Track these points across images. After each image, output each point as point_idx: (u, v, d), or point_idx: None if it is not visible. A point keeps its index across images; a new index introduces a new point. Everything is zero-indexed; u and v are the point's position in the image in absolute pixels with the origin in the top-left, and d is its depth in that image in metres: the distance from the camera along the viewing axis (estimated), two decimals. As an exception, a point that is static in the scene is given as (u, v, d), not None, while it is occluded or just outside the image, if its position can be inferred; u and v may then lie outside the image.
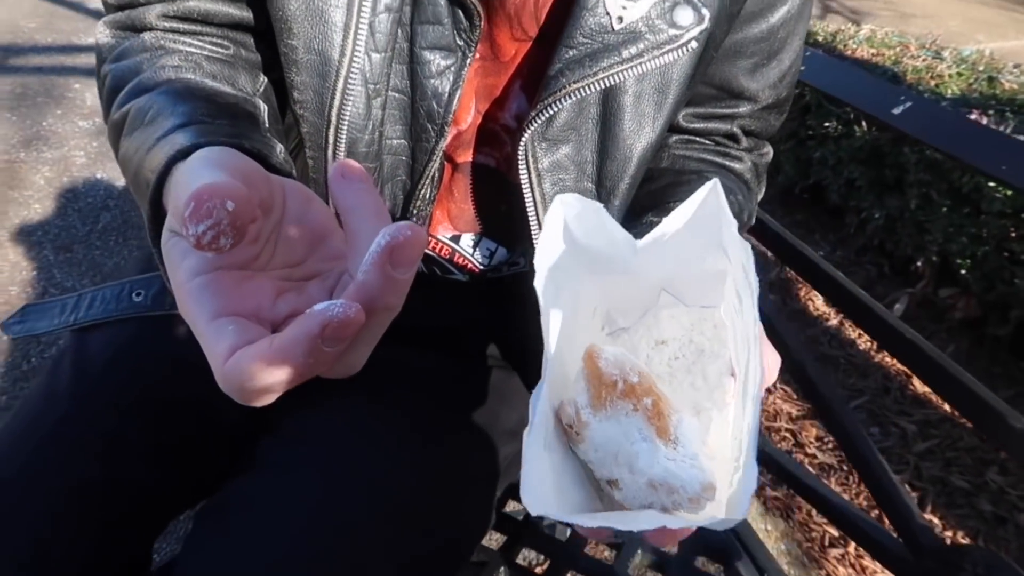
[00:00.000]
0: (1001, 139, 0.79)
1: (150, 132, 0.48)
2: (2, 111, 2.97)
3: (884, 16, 5.98)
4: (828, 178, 2.21)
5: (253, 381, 0.31)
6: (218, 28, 0.61)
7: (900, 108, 0.74)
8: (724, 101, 0.69)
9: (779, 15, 0.65)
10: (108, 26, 0.62)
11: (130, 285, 0.72)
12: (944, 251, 1.90)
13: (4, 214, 2.32)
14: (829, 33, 2.48)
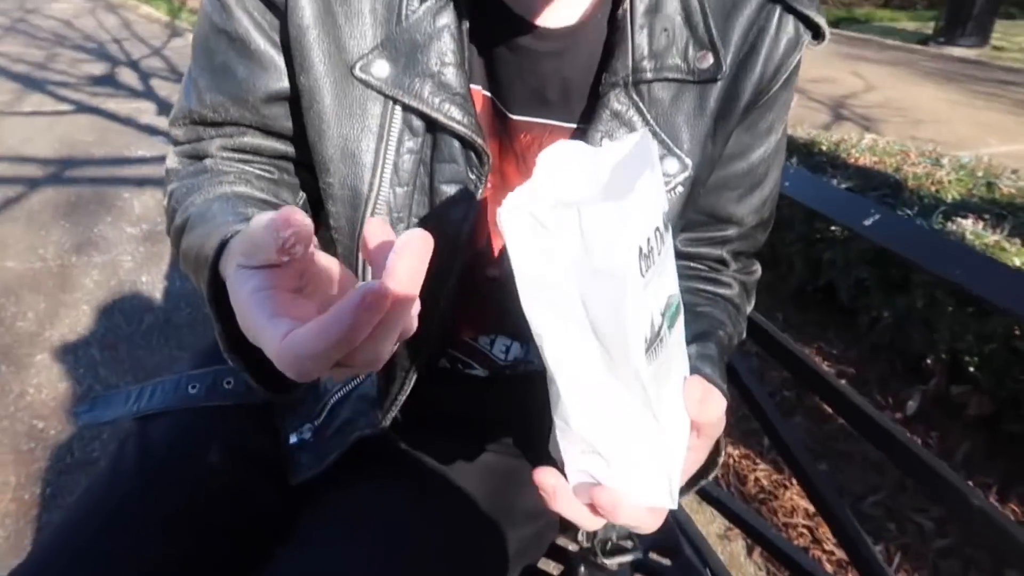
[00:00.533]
0: (955, 247, 0.86)
1: (210, 226, 0.58)
2: (58, 218, 3.18)
3: (895, 122, 6.18)
4: (838, 278, 2.29)
5: (305, 349, 0.38)
6: (266, 158, 0.72)
7: (869, 220, 0.83)
8: (714, 225, 0.78)
9: (758, 154, 0.75)
10: (176, 155, 0.73)
11: (186, 379, 0.81)
12: (953, 349, 1.95)
13: (55, 315, 2.47)
14: (833, 143, 2.62)
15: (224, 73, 0.67)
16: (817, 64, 8.47)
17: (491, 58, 0.66)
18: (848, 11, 12.90)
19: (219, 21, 0.65)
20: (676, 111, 0.66)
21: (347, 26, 0.62)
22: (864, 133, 3.29)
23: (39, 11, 8.82)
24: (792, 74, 0.71)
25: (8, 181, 3.57)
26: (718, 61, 0.65)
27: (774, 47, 0.67)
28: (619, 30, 0.64)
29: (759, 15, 0.66)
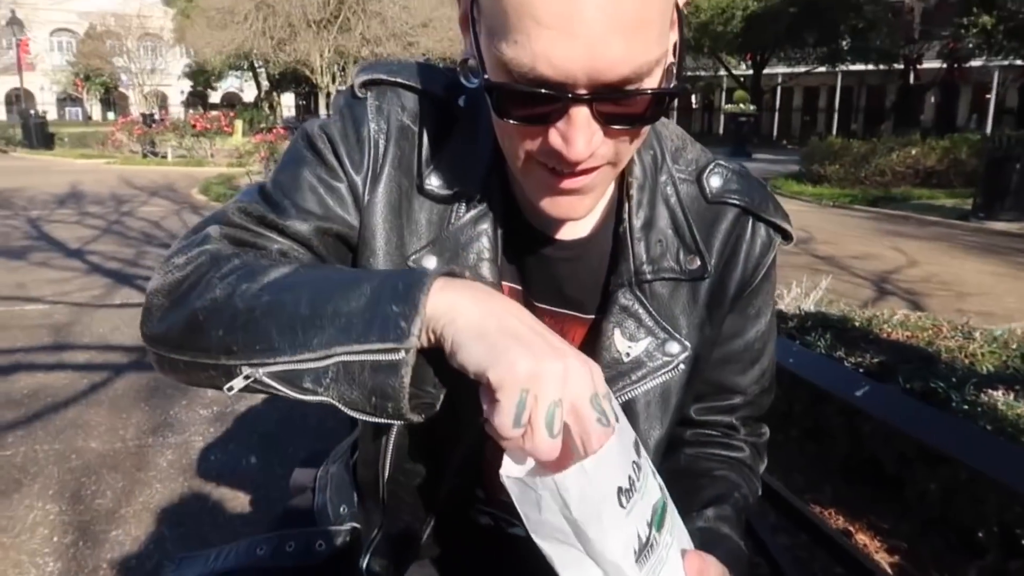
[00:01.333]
0: (940, 416, 0.94)
1: (348, 272, 0.68)
2: (139, 402, 3.43)
3: (941, 296, 6.25)
4: (880, 451, 2.32)
5: None
6: None
7: (861, 391, 0.95)
8: (722, 396, 0.92)
9: (752, 334, 0.90)
10: (222, 232, 0.76)
11: (255, 542, 0.94)
12: (1003, 521, 1.94)
13: (130, 492, 2.63)
14: (865, 319, 2.74)
15: (309, 197, 0.77)
16: (858, 241, 8.72)
17: (519, 259, 0.83)
18: (885, 190, 13.33)
19: (314, 163, 0.79)
20: (674, 304, 0.82)
21: (408, 226, 0.78)
22: (909, 308, 3.40)
23: (132, 213, 9.79)
24: (770, 268, 0.88)
25: (96, 368, 3.89)
26: (704, 263, 0.82)
27: (751, 249, 0.85)
28: (621, 241, 0.81)
29: (736, 224, 0.84)
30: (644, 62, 0.59)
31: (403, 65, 0.82)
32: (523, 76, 0.59)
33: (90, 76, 45.71)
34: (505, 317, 0.59)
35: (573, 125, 0.61)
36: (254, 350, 0.62)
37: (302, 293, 0.63)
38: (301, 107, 47.72)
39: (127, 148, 20.47)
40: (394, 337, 0.57)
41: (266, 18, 23.24)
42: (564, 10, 0.55)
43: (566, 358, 0.56)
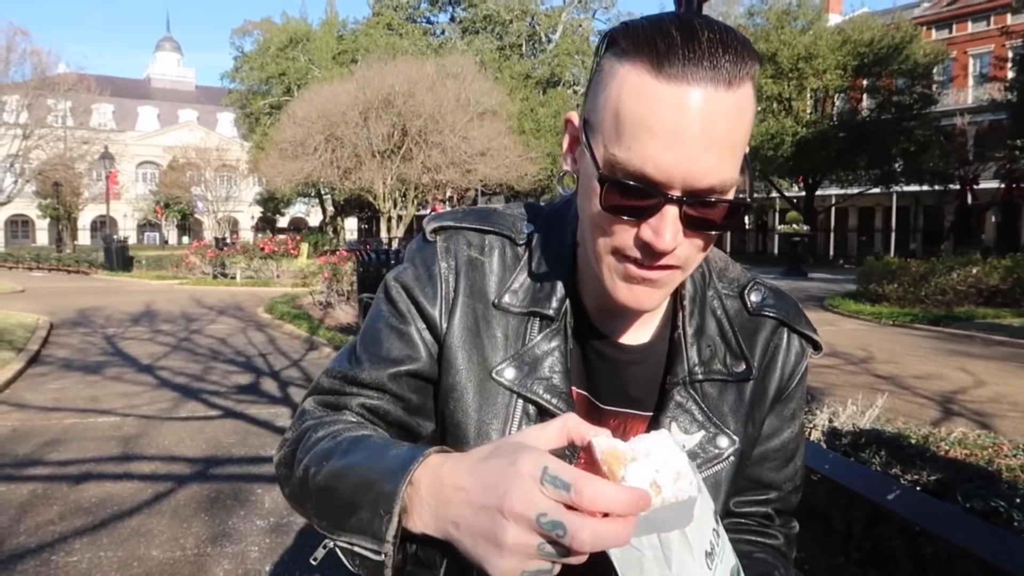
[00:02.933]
0: (1007, 536, 0.95)
1: (385, 444, 0.76)
2: (199, 512, 3.52)
3: (1012, 417, 6.02)
4: (946, 574, 2.23)
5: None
6: (386, 425, 0.92)
7: (921, 510, 0.98)
8: (759, 491, 1.00)
9: (786, 434, 0.99)
10: (315, 400, 0.92)
11: None
12: (1079, 651, 1.84)
13: (188, 601, 2.68)
14: (921, 436, 2.69)
15: (383, 347, 0.90)
16: (920, 360, 8.51)
17: (587, 365, 0.93)
18: (948, 310, 13.04)
19: (388, 314, 0.92)
20: (722, 402, 0.93)
21: (488, 344, 0.89)
22: (978, 429, 3.30)
23: (201, 331, 10.22)
24: (804, 375, 0.99)
25: (160, 478, 4.02)
26: (749, 366, 0.93)
27: (787, 357, 0.97)
28: (676, 346, 0.92)
29: (774, 334, 0.96)
30: (729, 177, 0.74)
31: (468, 212, 0.96)
32: (630, 175, 0.73)
33: (169, 204, 48.84)
34: (451, 513, 0.64)
35: (664, 220, 0.74)
36: (323, 525, 0.76)
37: (342, 483, 0.74)
38: (364, 230, 49.69)
39: (199, 270, 21.55)
40: (376, 541, 0.67)
41: (334, 149, 24.72)
42: (673, 126, 0.71)
43: (493, 515, 0.60)
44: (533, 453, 0.59)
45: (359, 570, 0.71)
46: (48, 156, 40.13)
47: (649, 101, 0.71)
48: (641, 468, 0.62)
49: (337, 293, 11.54)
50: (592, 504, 0.56)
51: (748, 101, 0.74)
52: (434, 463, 0.67)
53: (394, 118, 24.38)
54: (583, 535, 0.55)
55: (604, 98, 0.76)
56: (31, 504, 3.59)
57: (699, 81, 0.70)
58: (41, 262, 27.25)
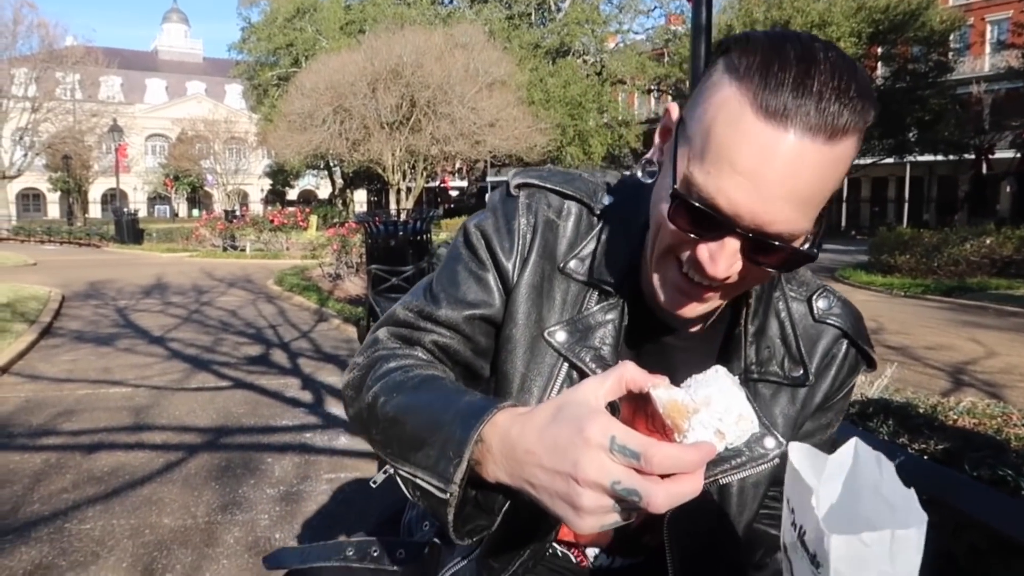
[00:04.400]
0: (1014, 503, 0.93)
1: (456, 390, 0.79)
2: (210, 481, 3.56)
3: (1022, 387, 5.99)
4: (951, 543, 2.23)
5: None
6: (453, 364, 0.95)
7: (928, 478, 0.97)
8: (777, 486, 0.97)
9: (816, 439, 0.98)
10: (389, 331, 0.96)
11: (346, 544, 1.05)
12: (1085, 619, 1.84)
13: (199, 567, 2.71)
14: (929, 406, 2.68)
15: (461, 289, 0.93)
16: (932, 331, 8.46)
17: (638, 345, 0.94)
18: (960, 280, 12.95)
19: (467, 258, 0.94)
20: (774, 404, 0.93)
21: (547, 304, 0.92)
22: (988, 399, 3.28)
23: (212, 303, 10.27)
24: (850, 390, 1.00)
25: (172, 448, 4.06)
26: (806, 372, 0.93)
27: (842, 368, 0.96)
28: (736, 342, 0.92)
29: (834, 344, 0.96)
30: (800, 228, 0.72)
31: (553, 172, 0.98)
32: (702, 199, 0.72)
33: (179, 176, 48.86)
34: (526, 473, 0.66)
35: (723, 250, 0.74)
36: (388, 452, 0.79)
37: (411, 417, 0.77)
38: (373, 203, 49.68)
39: (209, 242, 21.61)
40: (444, 480, 0.70)
41: (343, 121, 24.62)
42: (756, 168, 0.68)
43: (567, 480, 0.62)
44: (598, 420, 0.61)
45: (419, 500, 0.74)
46: (57, 129, 40.18)
47: (741, 133, 0.69)
48: (704, 418, 0.63)
49: (346, 265, 11.56)
50: (661, 470, 0.59)
51: (847, 154, 0.70)
52: (502, 423, 0.68)
53: (402, 89, 24.22)
54: (658, 499, 0.59)
55: (703, 111, 0.74)
56: (45, 473, 3.64)
57: (797, 127, 0.67)
58: (52, 235, 27.42)
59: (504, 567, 0.95)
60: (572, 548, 1.03)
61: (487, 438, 0.68)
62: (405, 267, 6.85)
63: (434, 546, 1.03)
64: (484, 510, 0.73)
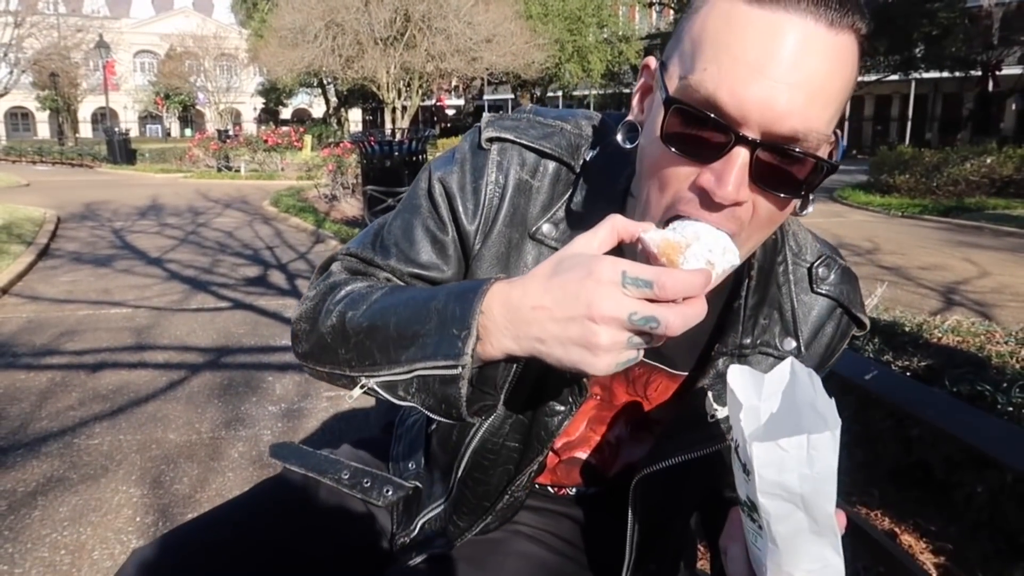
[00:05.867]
0: (986, 419, 0.98)
1: (427, 289, 0.78)
2: (213, 398, 3.65)
3: (1012, 307, 6.06)
4: (928, 455, 2.32)
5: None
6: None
7: (908, 395, 1.01)
8: None
9: None
10: (343, 265, 0.92)
11: (344, 466, 1.08)
12: (1050, 524, 1.93)
13: (205, 479, 2.82)
14: (915, 324, 2.73)
15: (415, 247, 0.88)
16: (927, 252, 8.50)
17: None
18: (958, 200, 12.91)
19: (427, 214, 0.89)
20: (761, 370, 0.90)
21: (514, 273, 0.86)
22: (978, 319, 3.32)
23: (208, 224, 10.25)
24: (841, 354, 0.98)
25: (174, 367, 4.14)
26: (799, 345, 0.91)
27: (833, 335, 0.94)
28: (734, 314, 0.89)
29: (829, 314, 0.93)
30: (815, 127, 0.66)
31: (530, 124, 0.89)
32: (701, 102, 0.66)
33: (169, 95, 47.83)
34: (534, 331, 0.65)
35: (730, 164, 0.66)
36: (364, 365, 0.76)
37: (391, 317, 0.74)
38: (368, 122, 48.85)
39: (203, 163, 21.37)
40: (453, 355, 0.68)
41: (335, 37, 23.94)
42: (762, 52, 0.63)
43: (583, 323, 0.62)
44: (605, 260, 0.62)
45: (410, 399, 0.73)
46: (42, 45, 39.05)
47: (737, 24, 0.64)
48: (696, 250, 0.67)
49: (342, 186, 11.48)
50: (675, 294, 0.61)
51: (849, 53, 0.67)
52: (501, 291, 0.67)
53: (396, 2, 23.45)
54: (676, 321, 0.61)
55: (687, 28, 0.69)
56: (51, 391, 3.73)
57: (798, 11, 0.64)
58: (44, 155, 27.04)
59: (473, 520, 0.99)
60: (555, 488, 1.05)
61: (487, 308, 0.67)
62: (401, 188, 6.82)
63: (416, 489, 1.06)
64: (487, 387, 0.72)
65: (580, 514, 1.06)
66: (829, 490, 0.63)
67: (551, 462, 1.00)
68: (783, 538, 0.66)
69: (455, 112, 53.23)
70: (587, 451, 0.99)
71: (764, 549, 0.69)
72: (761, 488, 0.64)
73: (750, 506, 0.68)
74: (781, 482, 0.63)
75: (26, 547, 2.37)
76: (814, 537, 0.65)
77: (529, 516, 1.04)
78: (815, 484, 0.62)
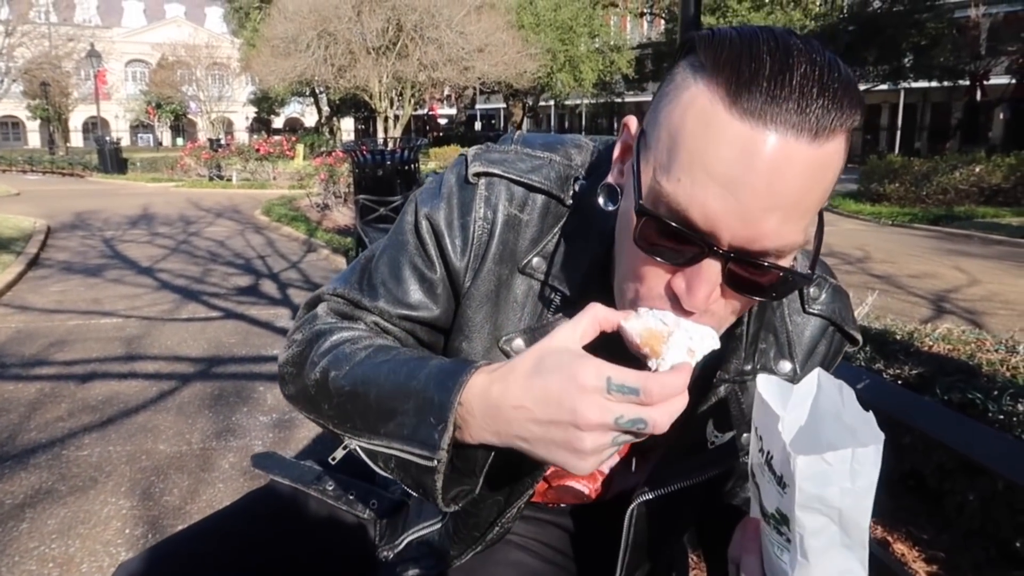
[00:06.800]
0: (977, 427, 0.98)
1: (414, 357, 0.75)
2: (203, 409, 3.63)
3: (1002, 315, 6.10)
4: (919, 463, 2.33)
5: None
6: (403, 345, 0.91)
7: (900, 403, 1.01)
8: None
9: None
10: (330, 309, 0.89)
11: (329, 476, 1.07)
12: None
13: (195, 491, 2.80)
14: (906, 332, 2.74)
15: (403, 287, 0.86)
16: (917, 260, 8.55)
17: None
18: (948, 209, 12.99)
19: (414, 252, 0.85)
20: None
21: (503, 310, 0.85)
22: (968, 327, 3.35)
23: (199, 234, 10.22)
24: (834, 371, 0.96)
25: (165, 377, 4.12)
26: (794, 367, 0.90)
27: (826, 354, 0.93)
28: (735, 340, 0.87)
29: (821, 333, 0.92)
30: (790, 243, 0.64)
31: (517, 157, 0.87)
32: (672, 214, 0.64)
33: (161, 104, 47.73)
34: (515, 429, 0.65)
35: (700, 276, 0.65)
36: (346, 427, 0.76)
37: (372, 389, 0.73)
38: (360, 131, 48.87)
39: (195, 172, 21.31)
40: (429, 447, 0.67)
41: (327, 46, 23.99)
42: (736, 173, 0.60)
43: (566, 428, 0.62)
44: (590, 364, 0.62)
45: (390, 473, 0.73)
46: (33, 54, 38.97)
47: (714, 134, 0.61)
48: (678, 338, 0.66)
49: (334, 195, 11.47)
50: (661, 399, 0.61)
51: (835, 158, 0.63)
52: (480, 385, 0.66)
53: (388, 12, 23.53)
54: (662, 419, 0.61)
55: (666, 114, 0.66)
56: (40, 402, 3.70)
57: (779, 125, 0.59)
58: (34, 165, 26.91)
59: (464, 548, 0.97)
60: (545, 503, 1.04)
61: (467, 401, 0.66)
62: (393, 197, 6.81)
63: (404, 504, 1.05)
64: (464, 473, 0.72)
65: (571, 524, 1.06)
66: (867, 505, 0.62)
67: (541, 487, 1.00)
68: (815, 552, 0.65)
69: (447, 121, 53.34)
70: (579, 480, 0.99)
71: (792, 563, 0.67)
72: (800, 501, 0.63)
73: (779, 519, 0.67)
74: (822, 496, 0.62)
75: (14, 560, 2.34)
76: (845, 551, 0.65)
77: (520, 525, 1.04)
78: (855, 498, 0.62)
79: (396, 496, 1.06)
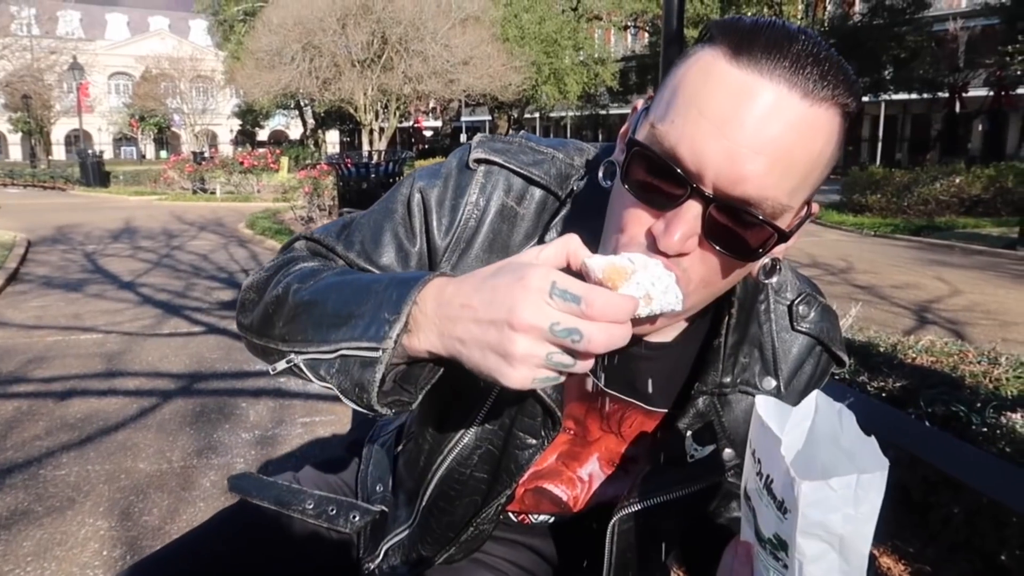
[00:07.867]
0: (958, 444, 0.98)
1: (375, 274, 0.77)
2: (184, 426, 3.58)
3: (984, 325, 6.15)
4: (904, 476, 2.33)
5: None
6: None
7: (883, 419, 1.00)
8: None
9: None
10: (307, 246, 0.91)
11: (307, 495, 1.05)
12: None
13: (175, 510, 2.75)
14: (890, 344, 2.75)
15: (379, 249, 0.87)
16: (899, 270, 8.61)
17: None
18: (929, 220, 13.13)
19: (400, 220, 0.87)
20: (741, 415, 0.89)
21: None
22: (950, 337, 3.37)
23: (182, 247, 10.14)
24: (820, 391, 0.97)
25: (145, 393, 4.07)
26: (778, 384, 0.90)
27: (813, 373, 0.93)
28: (714, 353, 0.87)
29: (809, 352, 0.92)
30: (772, 196, 0.65)
31: (521, 149, 0.88)
32: (663, 151, 0.66)
33: (144, 117, 47.49)
34: (457, 330, 0.63)
35: (680, 217, 0.66)
36: (296, 340, 0.74)
37: (332, 295, 0.73)
38: (345, 143, 48.81)
39: (178, 185, 21.19)
40: (377, 338, 0.66)
41: (312, 59, 23.95)
42: (726, 113, 0.63)
43: (501, 328, 0.59)
44: (540, 268, 0.60)
45: (329, 380, 0.70)
46: (15, 67, 38.64)
47: (712, 80, 0.65)
48: (640, 278, 0.65)
49: (318, 208, 11.43)
50: (601, 315, 0.58)
51: (826, 128, 0.65)
52: (437, 284, 0.66)
53: (373, 25, 23.54)
54: (600, 337, 0.58)
55: (672, 74, 0.69)
56: (17, 420, 3.63)
57: (773, 77, 0.63)
58: (15, 178, 26.66)
59: (437, 549, 0.97)
60: (520, 515, 1.03)
61: (422, 300, 0.66)
62: (378, 210, 6.80)
63: (383, 513, 1.04)
64: (404, 385, 0.70)
65: (543, 545, 1.05)
66: (868, 531, 0.62)
67: (519, 492, 0.99)
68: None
69: (433, 134, 53.39)
70: (556, 483, 0.98)
71: None
72: (803, 528, 0.62)
73: (776, 544, 0.66)
74: (824, 522, 0.61)
75: (-13, 584, 2.29)
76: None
77: (492, 546, 1.02)
78: (857, 525, 0.61)
79: (376, 505, 1.05)
